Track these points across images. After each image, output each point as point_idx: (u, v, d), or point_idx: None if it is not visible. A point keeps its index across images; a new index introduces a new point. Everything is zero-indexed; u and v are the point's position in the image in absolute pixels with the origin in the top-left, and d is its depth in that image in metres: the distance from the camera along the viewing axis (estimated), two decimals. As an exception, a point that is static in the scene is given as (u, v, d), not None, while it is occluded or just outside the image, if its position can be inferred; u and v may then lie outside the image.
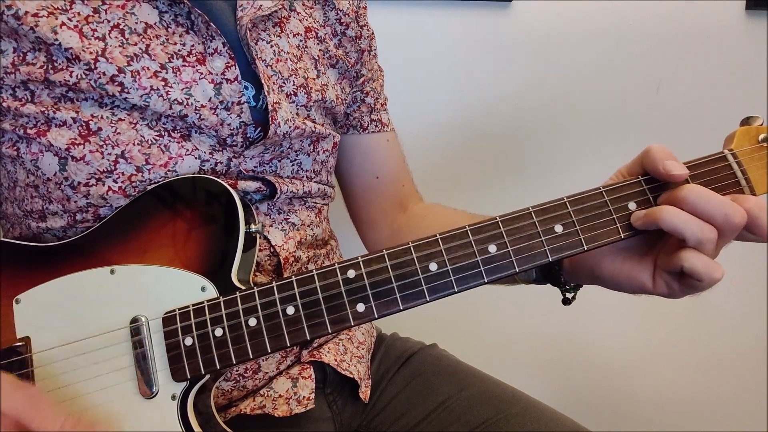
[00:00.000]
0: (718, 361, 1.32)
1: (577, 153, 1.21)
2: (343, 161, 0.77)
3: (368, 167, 0.77)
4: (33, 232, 0.58)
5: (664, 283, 0.49)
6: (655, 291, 0.50)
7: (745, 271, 1.27)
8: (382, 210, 0.78)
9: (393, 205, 0.78)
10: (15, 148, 0.54)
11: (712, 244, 0.45)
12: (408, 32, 1.11)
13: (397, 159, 0.79)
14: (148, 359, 0.49)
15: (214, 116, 0.55)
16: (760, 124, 0.51)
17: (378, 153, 0.77)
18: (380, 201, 0.78)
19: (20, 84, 0.52)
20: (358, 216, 0.80)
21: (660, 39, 1.18)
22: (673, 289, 0.48)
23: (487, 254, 0.48)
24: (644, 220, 0.47)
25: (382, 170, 0.77)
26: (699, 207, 0.45)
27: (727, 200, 0.45)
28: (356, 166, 0.77)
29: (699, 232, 0.44)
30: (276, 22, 0.62)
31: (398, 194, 0.78)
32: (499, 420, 0.65)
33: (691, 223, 0.44)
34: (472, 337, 1.22)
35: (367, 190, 0.78)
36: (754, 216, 0.45)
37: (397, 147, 0.79)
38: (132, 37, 0.53)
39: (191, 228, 0.53)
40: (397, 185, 0.78)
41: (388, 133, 0.78)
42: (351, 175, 0.78)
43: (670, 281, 0.48)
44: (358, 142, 0.76)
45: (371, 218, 0.79)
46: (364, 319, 0.48)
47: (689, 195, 0.45)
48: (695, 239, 0.44)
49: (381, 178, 0.77)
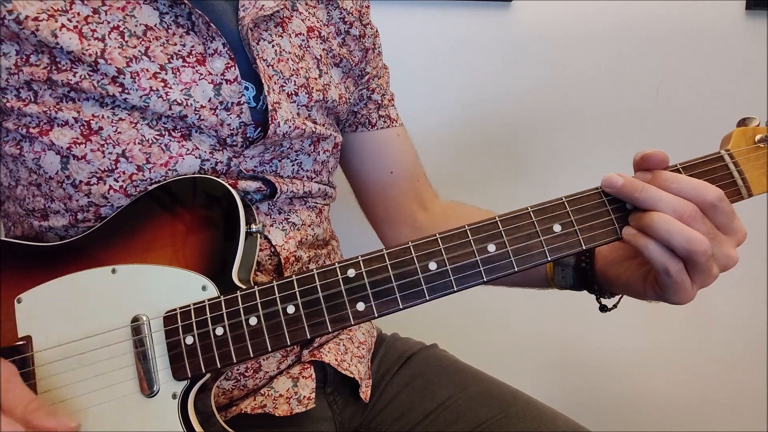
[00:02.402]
0: (719, 361, 1.32)
1: (576, 153, 1.21)
2: (354, 160, 0.76)
3: (381, 163, 0.75)
4: (35, 231, 0.58)
5: (655, 282, 0.50)
6: (646, 294, 0.52)
7: (745, 272, 1.27)
8: (399, 206, 0.77)
9: (410, 201, 0.77)
10: (18, 147, 0.54)
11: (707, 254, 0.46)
12: (408, 32, 1.11)
13: (409, 153, 0.77)
14: (149, 358, 0.49)
15: (213, 117, 0.55)
16: (756, 125, 0.51)
17: (389, 148, 0.76)
18: (396, 196, 0.76)
19: (24, 84, 0.52)
20: (376, 214, 0.79)
21: (660, 39, 1.18)
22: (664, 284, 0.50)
23: (486, 254, 0.48)
24: (634, 241, 0.48)
25: (396, 165, 0.76)
26: (663, 233, 0.45)
27: (685, 229, 0.45)
28: (368, 164, 0.76)
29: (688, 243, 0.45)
30: (278, 21, 0.62)
31: (414, 189, 0.77)
32: (499, 420, 0.65)
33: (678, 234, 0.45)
34: (472, 337, 1.22)
35: (382, 187, 0.76)
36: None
37: (408, 141, 0.78)
38: (131, 39, 0.53)
39: (192, 228, 0.53)
40: (412, 180, 0.77)
41: (398, 128, 0.76)
42: (364, 172, 0.76)
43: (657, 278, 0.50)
44: (369, 139, 0.75)
45: (390, 215, 0.77)
46: (364, 318, 0.48)
47: (655, 222, 0.46)
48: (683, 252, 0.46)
49: (395, 172, 0.75)
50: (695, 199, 0.46)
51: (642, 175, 0.49)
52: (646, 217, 0.46)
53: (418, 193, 0.77)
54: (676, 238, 0.45)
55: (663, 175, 0.47)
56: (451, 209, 0.78)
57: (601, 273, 0.58)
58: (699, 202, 0.46)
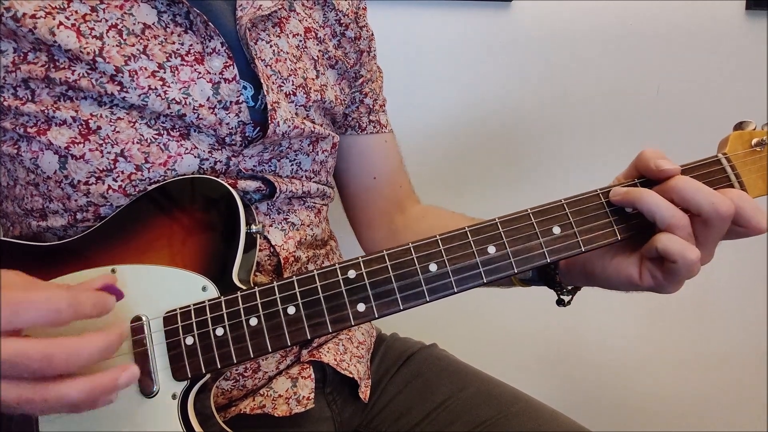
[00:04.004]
0: (718, 361, 1.32)
1: (576, 153, 1.21)
2: (340, 161, 0.77)
3: (366, 168, 0.77)
4: (33, 231, 0.58)
5: (648, 273, 0.50)
6: (642, 284, 0.50)
7: (745, 271, 1.27)
8: (379, 210, 0.78)
9: (390, 206, 0.78)
10: (15, 147, 0.54)
11: (685, 231, 0.46)
12: (408, 32, 1.11)
13: (394, 160, 0.79)
14: (148, 358, 0.49)
15: (212, 115, 0.55)
16: (753, 129, 0.52)
17: (376, 154, 0.77)
18: (378, 201, 0.78)
19: (21, 83, 0.52)
20: (356, 216, 0.81)
21: (660, 39, 1.18)
22: (657, 278, 0.49)
23: (487, 255, 0.48)
24: (622, 197, 0.48)
25: (380, 171, 0.77)
26: (687, 195, 0.46)
27: (715, 192, 0.46)
28: (354, 167, 0.77)
29: (670, 217, 0.46)
30: (275, 22, 0.62)
31: (396, 195, 0.79)
32: (499, 420, 0.65)
33: (664, 208, 0.46)
34: (472, 337, 1.22)
35: (364, 191, 0.78)
36: (740, 207, 0.46)
37: (394, 148, 0.79)
38: (130, 38, 0.53)
39: (192, 228, 0.53)
40: (394, 186, 0.79)
41: (387, 134, 0.78)
42: (349, 175, 0.78)
43: (653, 270, 0.49)
44: (356, 142, 0.76)
45: (369, 218, 0.79)
46: (365, 319, 0.48)
47: (678, 183, 0.46)
48: (665, 223, 0.46)
49: (378, 178, 0.77)
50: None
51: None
52: (670, 180, 0.47)
53: (399, 198, 0.79)
54: (700, 195, 0.46)
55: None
56: (425, 212, 0.79)
57: (580, 267, 0.56)
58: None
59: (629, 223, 0.49)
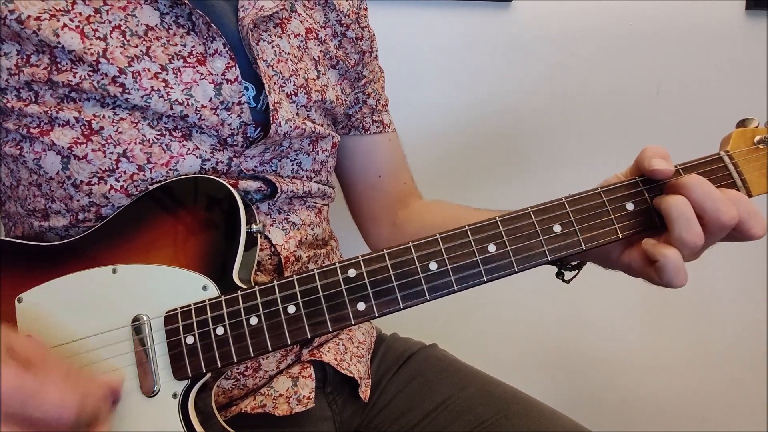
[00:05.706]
0: (719, 361, 1.32)
1: (576, 153, 1.21)
2: (345, 161, 0.78)
3: (370, 167, 0.78)
4: (35, 231, 0.58)
5: (629, 259, 0.50)
6: (618, 263, 0.52)
7: (745, 271, 1.27)
8: (383, 206, 0.79)
9: (395, 202, 0.79)
10: (18, 148, 0.54)
11: (692, 252, 0.46)
12: (408, 32, 1.11)
13: (398, 158, 0.80)
14: (149, 358, 0.49)
15: (214, 116, 0.55)
16: (755, 126, 0.52)
17: (380, 153, 0.78)
18: (382, 198, 0.79)
19: (24, 85, 0.52)
20: (360, 212, 0.82)
21: (660, 39, 1.18)
22: (633, 269, 0.50)
23: (487, 254, 0.48)
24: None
25: (384, 169, 0.78)
26: (696, 195, 0.45)
27: (723, 198, 0.46)
28: (358, 166, 0.78)
29: (686, 232, 0.45)
30: (277, 22, 0.62)
31: (400, 191, 0.80)
32: (499, 419, 0.65)
33: (683, 219, 0.45)
34: (472, 337, 1.22)
35: (369, 188, 0.79)
36: (743, 221, 0.46)
37: (398, 146, 0.80)
38: (133, 39, 0.53)
39: (193, 228, 0.53)
40: (398, 183, 0.80)
41: (390, 134, 0.79)
42: (353, 173, 0.79)
43: (637, 261, 0.50)
44: (360, 142, 0.77)
45: (374, 214, 0.80)
46: (365, 318, 0.48)
47: (690, 182, 0.46)
48: (679, 236, 0.45)
49: (383, 176, 0.78)
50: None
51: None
52: (683, 178, 0.47)
53: (402, 194, 0.80)
54: (709, 199, 0.45)
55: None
56: (428, 205, 0.80)
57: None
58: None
59: (630, 221, 0.49)
